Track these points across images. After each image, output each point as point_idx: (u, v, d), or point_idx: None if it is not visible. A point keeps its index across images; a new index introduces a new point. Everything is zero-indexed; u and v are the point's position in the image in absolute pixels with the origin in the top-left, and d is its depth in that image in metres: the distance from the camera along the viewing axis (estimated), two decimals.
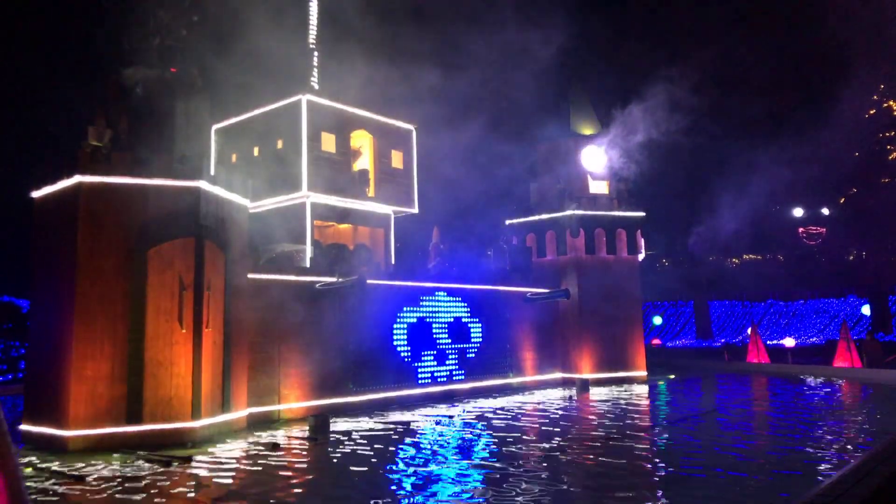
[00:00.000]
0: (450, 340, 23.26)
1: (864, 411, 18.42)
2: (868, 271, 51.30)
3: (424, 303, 22.59)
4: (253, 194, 18.64)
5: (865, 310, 53.08)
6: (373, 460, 12.37)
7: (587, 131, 29.91)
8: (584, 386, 24.46)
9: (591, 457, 12.28)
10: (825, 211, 55.31)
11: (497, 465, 11.68)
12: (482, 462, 12.04)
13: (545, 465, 11.66)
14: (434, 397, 21.91)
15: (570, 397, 22.76)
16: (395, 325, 21.48)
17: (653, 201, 34.82)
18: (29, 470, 11.85)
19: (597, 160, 29.19)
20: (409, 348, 21.77)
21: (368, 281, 19.53)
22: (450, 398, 22.25)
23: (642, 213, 28.89)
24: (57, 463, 12.45)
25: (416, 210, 24.82)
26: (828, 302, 58.57)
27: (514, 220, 29.78)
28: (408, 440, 14.69)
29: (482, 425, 16.60)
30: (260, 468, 11.81)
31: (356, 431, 15.62)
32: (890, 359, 27.81)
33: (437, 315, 22.96)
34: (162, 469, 11.81)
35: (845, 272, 55.86)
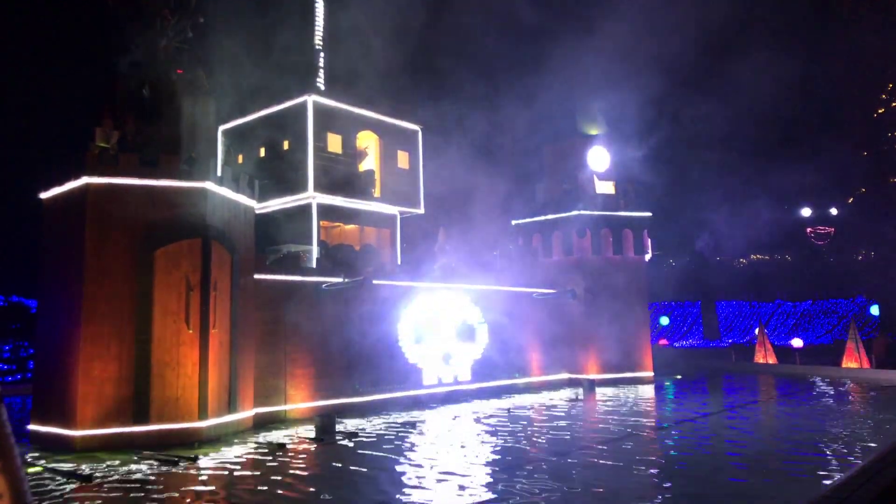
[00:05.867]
0: (456, 341, 23.23)
1: (870, 412, 18.30)
2: (877, 271, 50.96)
3: (430, 303, 22.57)
4: (259, 195, 18.71)
5: (874, 310, 52.73)
6: (378, 460, 12.39)
7: (594, 132, 29.82)
8: (591, 386, 24.40)
9: (597, 458, 12.24)
10: (834, 211, 54.99)
11: (502, 465, 11.66)
12: (487, 462, 12.03)
13: (549, 466, 11.63)
14: (440, 398, 21.88)
15: (577, 398, 22.71)
16: (400, 326, 21.48)
17: (660, 201, 34.66)
18: (37, 469, 11.92)
19: (603, 160, 29.11)
20: (414, 349, 21.76)
21: (374, 281, 19.55)
22: (455, 399, 22.21)
23: (649, 214, 28.75)
24: (65, 462, 12.53)
25: (422, 210, 24.81)
26: (836, 302, 58.17)
27: (521, 221, 29.72)
28: (413, 440, 14.69)
29: (487, 425, 16.58)
30: (266, 468, 11.84)
31: (362, 432, 15.64)
32: None
33: (442, 316, 22.92)
34: (168, 469, 11.86)
35: (854, 272, 55.49)
